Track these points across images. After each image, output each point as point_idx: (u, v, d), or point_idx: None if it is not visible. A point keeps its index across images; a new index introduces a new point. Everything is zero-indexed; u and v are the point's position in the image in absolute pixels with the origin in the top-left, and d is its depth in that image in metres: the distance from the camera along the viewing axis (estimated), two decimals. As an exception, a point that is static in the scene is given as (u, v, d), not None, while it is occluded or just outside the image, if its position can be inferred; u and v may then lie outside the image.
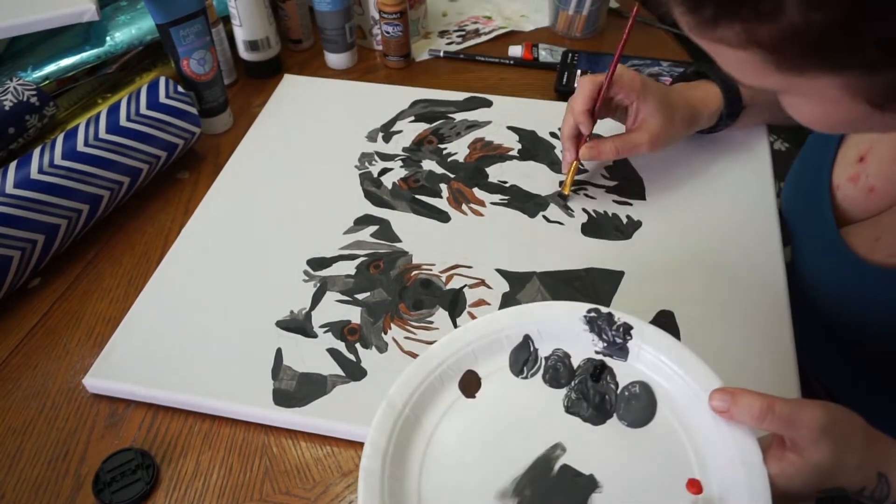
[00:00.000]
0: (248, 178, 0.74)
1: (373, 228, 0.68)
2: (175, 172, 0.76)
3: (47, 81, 0.78)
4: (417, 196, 0.71)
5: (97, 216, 0.68)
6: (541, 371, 0.49)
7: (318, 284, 0.63)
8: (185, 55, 0.75)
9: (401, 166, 0.74)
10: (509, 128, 0.77)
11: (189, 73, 0.76)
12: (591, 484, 0.44)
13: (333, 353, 0.58)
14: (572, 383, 0.48)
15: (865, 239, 0.57)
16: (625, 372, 0.48)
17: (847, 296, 0.59)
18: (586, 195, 0.70)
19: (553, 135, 0.76)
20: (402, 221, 0.68)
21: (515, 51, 0.90)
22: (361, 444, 0.53)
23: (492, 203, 0.69)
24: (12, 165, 0.62)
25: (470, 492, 0.44)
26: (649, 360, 0.47)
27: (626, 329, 0.48)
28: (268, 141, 0.78)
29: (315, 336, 0.59)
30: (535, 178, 0.72)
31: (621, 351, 0.48)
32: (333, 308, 0.61)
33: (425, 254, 0.65)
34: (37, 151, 0.64)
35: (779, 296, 0.60)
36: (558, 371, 0.48)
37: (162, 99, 0.70)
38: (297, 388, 0.55)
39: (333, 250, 0.66)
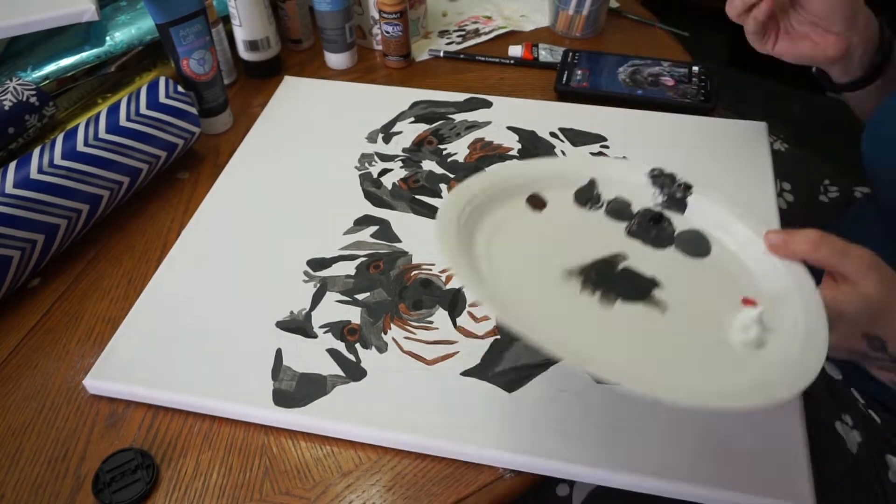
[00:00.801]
0: (248, 179, 0.74)
1: (373, 229, 0.68)
2: (175, 172, 0.76)
3: (47, 81, 0.78)
4: (417, 196, 0.71)
5: (97, 216, 0.68)
6: (603, 207, 0.52)
7: (318, 285, 0.63)
8: (185, 55, 0.75)
9: (401, 167, 0.74)
10: (509, 128, 0.77)
11: (189, 73, 0.76)
12: (652, 283, 0.46)
13: (333, 353, 0.58)
14: (633, 220, 0.51)
15: None
16: (683, 222, 0.51)
17: None
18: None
19: (553, 135, 0.76)
20: (402, 222, 0.68)
21: (515, 51, 0.90)
22: (362, 445, 0.53)
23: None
24: (12, 165, 0.62)
25: (538, 262, 0.47)
26: (705, 214, 0.50)
27: (687, 187, 0.51)
28: (268, 141, 0.78)
29: (315, 336, 0.59)
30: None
31: (680, 205, 0.51)
32: (333, 308, 0.61)
33: (425, 254, 0.65)
34: (36, 151, 0.64)
35: (779, 296, 0.60)
36: (621, 212, 0.51)
37: (162, 99, 0.70)
38: (297, 389, 0.55)
39: (333, 251, 0.66)
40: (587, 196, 0.52)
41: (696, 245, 0.49)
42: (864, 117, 0.70)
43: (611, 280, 0.46)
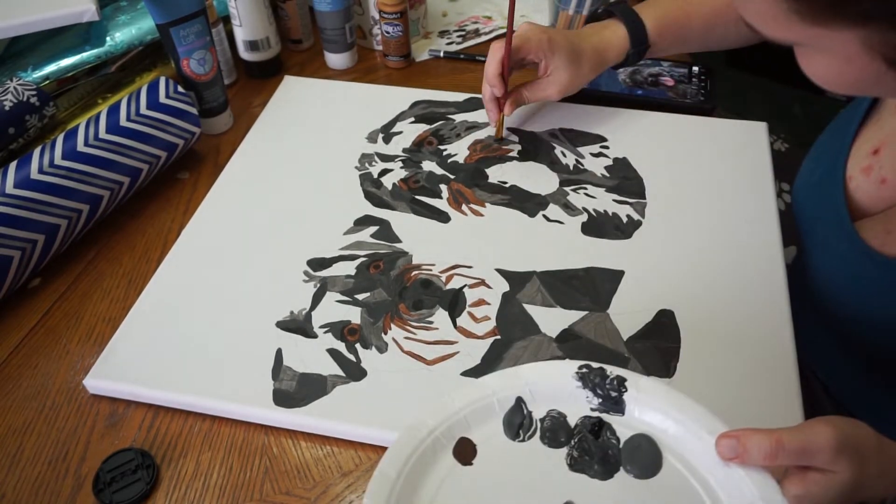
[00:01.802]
0: (249, 179, 0.74)
1: (373, 229, 0.68)
2: (175, 172, 0.76)
3: (47, 81, 0.78)
4: (417, 197, 0.71)
5: (97, 216, 0.68)
6: (538, 433, 0.47)
7: (319, 285, 0.63)
8: (185, 55, 0.75)
9: (401, 167, 0.74)
10: (509, 128, 0.77)
11: (189, 73, 0.76)
12: None
13: (333, 353, 0.58)
14: (572, 441, 0.46)
15: (877, 232, 0.57)
16: (625, 425, 0.46)
17: (857, 288, 0.59)
18: (586, 194, 0.70)
19: (553, 135, 0.76)
20: (402, 222, 0.68)
21: (515, 51, 0.90)
22: (362, 445, 0.53)
23: (491, 203, 0.69)
24: (12, 165, 0.62)
25: None
26: (647, 411, 0.46)
27: (620, 381, 0.46)
28: (268, 141, 0.78)
29: (315, 336, 0.59)
30: (535, 178, 0.72)
31: (617, 405, 0.46)
32: (333, 308, 0.61)
33: (425, 254, 0.65)
34: (37, 151, 0.64)
35: (779, 295, 0.60)
36: (556, 431, 0.46)
37: (162, 99, 0.70)
38: (297, 389, 0.55)
39: (333, 251, 0.66)
40: (517, 422, 0.46)
41: (645, 459, 0.44)
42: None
43: None
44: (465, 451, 0.46)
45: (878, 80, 0.39)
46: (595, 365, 0.47)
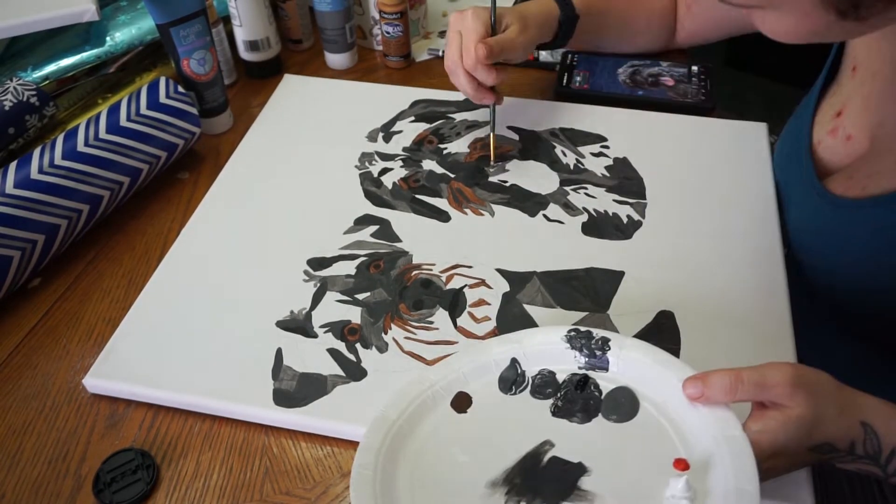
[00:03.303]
0: (249, 179, 0.74)
1: (373, 228, 0.68)
2: (175, 172, 0.76)
3: (47, 81, 0.78)
4: (417, 196, 0.71)
5: (97, 216, 0.68)
6: (528, 388, 0.51)
7: (319, 284, 0.63)
8: (185, 55, 0.75)
9: (401, 166, 0.74)
10: (509, 128, 0.77)
11: (189, 73, 0.76)
12: (579, 469, 0.45)
13: (333, 353, 0.58)
14: (558, 394, 0.50)
15: (841, 182, 0.60)
16: (608, 380, 0.50)
17: (823, 239, 0.61)
18: (587, 194, 0.70)
19: (553, 134, 0.76)
20: (403, 221, 0.68)
21: (515, 51, 0.90)
22: (362, 444, 0.53)
23: (492, 202, 0.69)
24: (12, 165, 0.62)
25: (462, 484, 0.46)
26: (628, 367, 0.49)
27: (605, 342, 0.50)
28: (268, 141, 0.78)
29: (315, 336, 0.59)
30: (535, 177, 0.72)
31: (601, 362, 0.50)
32: (333, 308, 0.61)
33: (425, 254, 0.65)
34: (37, 151, 0.64)
35: (779, 296, 0.59)
36: (545, 387, 0.51)
37: (162, 99, 0.70)
38: (297, 389, 0.55)
39: (333, 250, 0.66)
40: (511, 378, 0.52)
41: (624, 406, 0.48)
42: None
43: (537, 480, 0.45)
44: (461, 402, 0.51)
45: (829, 28, 0.44)
46: (583, 328, 0.52)
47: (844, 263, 0.59)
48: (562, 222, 0.67)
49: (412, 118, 0.80)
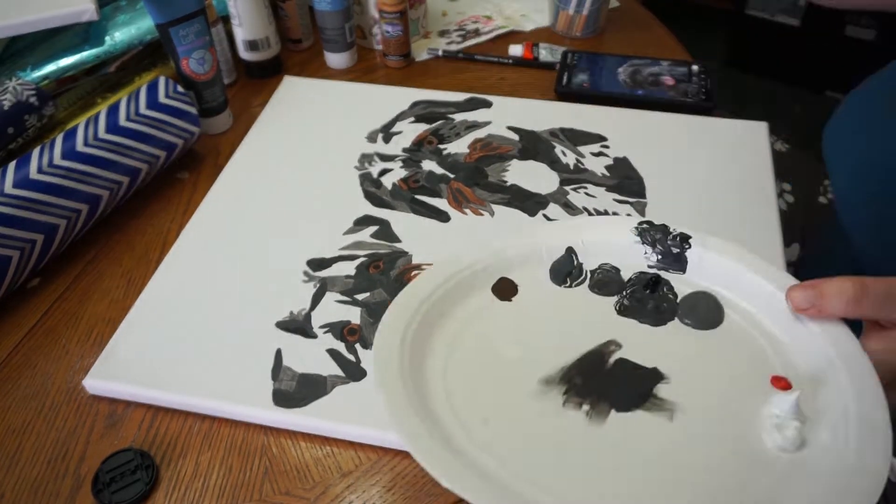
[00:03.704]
0: (248, 179, 0.73)
1: (373, 229, 0.67)
2: (175, 172, 0.76)
3: (46, 81, 0.78)
4: (417, 196, 0.71)
5: (97, 216, 0.68)
6: (587, 282, 0.43)
7: (318, 285, 0.63)
8: (185, 55, 0.75)
9: (401, 167, 0.74)
10: (509, 128, 0.77)
11: (189, 72, 0.76)
12: (654, 376, 0.39)
13: (333, 353, 0.57)
14: (624, 292, 0.43)
15: None
16: (685, 283, 0.42)
17: None
18: (587, 194, 0.70)
19: (553, 134, 0.76)
20: (402, 222, 0.68)
21: (515, 50, 0.90)
22: (362, 445, 0.53)
23: (492, 202, 0.69)
24: (11, 165, 0.62)
25: (507, 379, 0.39)
26: (712, 270, 0.42)
27: (684, 238, 0.43)
28: (268, 141, 0.78)
29: (315, 336, 0.59)
30: (536, 177, 0.72)
31: (678, 262, 0.43)
32: (333, 308, 0.61)
33: (425, 254, 0.65)
34: (36, 151, 0.64)
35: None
36: (608, 284, 0.43)
37: (161, 99, 0.70)
38: (296, 389, 0.55)
39: (333, 251, 0.66)
40: (566, 270, 0.44)
41: (705, 313, 0.41)
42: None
43: (601, 382, 0.39)
44: (504, 289, 0.44)
45: None
46: (657, 222, 0.44)
47: None
48: (562, 222, 0.67)
49: (412, 119, 0.80)
